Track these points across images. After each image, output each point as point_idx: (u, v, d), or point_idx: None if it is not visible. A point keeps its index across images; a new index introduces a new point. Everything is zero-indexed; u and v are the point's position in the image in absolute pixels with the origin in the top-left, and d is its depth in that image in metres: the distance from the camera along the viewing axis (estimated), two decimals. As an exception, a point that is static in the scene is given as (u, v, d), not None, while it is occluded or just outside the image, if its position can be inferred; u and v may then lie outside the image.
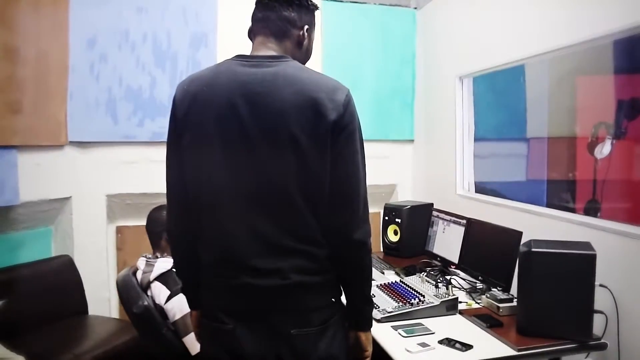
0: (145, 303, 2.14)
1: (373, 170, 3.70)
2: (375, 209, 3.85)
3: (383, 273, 2.92)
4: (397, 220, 3.31)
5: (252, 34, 1.52)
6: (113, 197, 3.45)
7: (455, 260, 2.84)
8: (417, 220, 3.28)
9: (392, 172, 4.05)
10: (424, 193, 3.88)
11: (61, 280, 3.19)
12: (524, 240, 2.23)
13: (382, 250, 3.47)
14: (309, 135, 1.33)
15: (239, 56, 1.45)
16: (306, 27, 1.50)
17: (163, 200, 3.35)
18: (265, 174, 1.36)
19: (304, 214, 1.37)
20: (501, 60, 2.91)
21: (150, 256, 2.38)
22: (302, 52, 1.53)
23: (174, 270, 2.16)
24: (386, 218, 3.40)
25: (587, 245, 1.98)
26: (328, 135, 1.34)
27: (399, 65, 3.99)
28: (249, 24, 1.51)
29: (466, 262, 2.76)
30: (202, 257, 1.48)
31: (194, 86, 1.43)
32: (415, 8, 3.98)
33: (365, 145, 1.45)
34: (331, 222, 1.40)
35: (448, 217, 3.04)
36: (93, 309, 3.33)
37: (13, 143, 2.91)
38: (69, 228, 3.34)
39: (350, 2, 3.83)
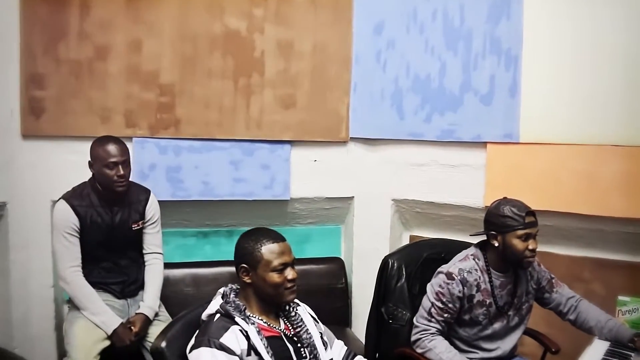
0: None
1: None
2: None
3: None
4: None
5: None
6: (400, 202, 3.06)
7: None
8: None
9: None
10: None
11: (323, 285, 3.02)
12: None
13: None
14: None
15: None
16: None
17: (452, 213, 2.80)
18: None
19: None
20: None
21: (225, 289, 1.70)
22: None
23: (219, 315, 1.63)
24: None
25: None
26: None
27: None
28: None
29: None
30: None
31: None
32: None
33: None
34: None
35: None
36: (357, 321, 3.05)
37: (285, 138, 2.92)
38: (352, 230, 3.16)
39: None
